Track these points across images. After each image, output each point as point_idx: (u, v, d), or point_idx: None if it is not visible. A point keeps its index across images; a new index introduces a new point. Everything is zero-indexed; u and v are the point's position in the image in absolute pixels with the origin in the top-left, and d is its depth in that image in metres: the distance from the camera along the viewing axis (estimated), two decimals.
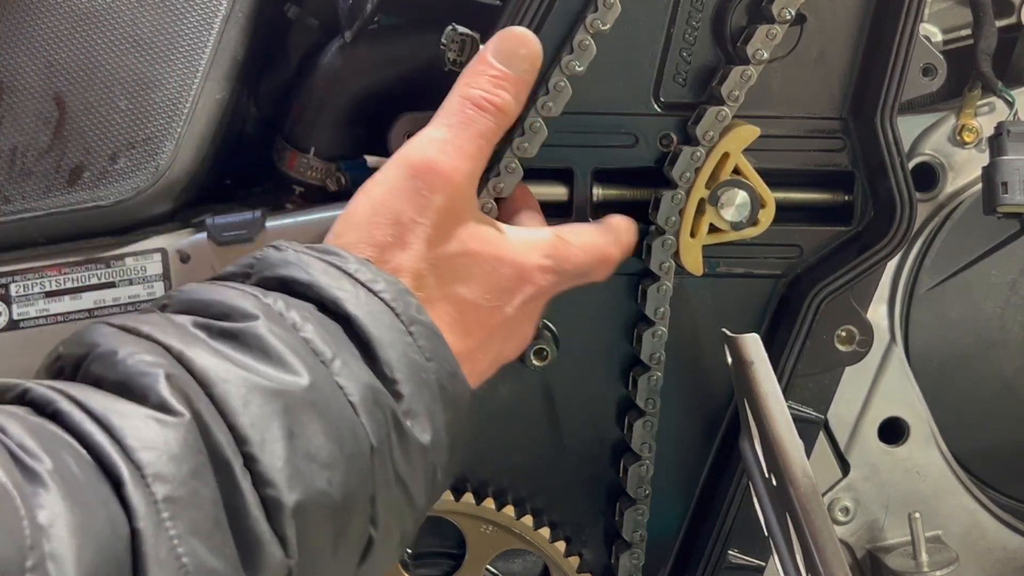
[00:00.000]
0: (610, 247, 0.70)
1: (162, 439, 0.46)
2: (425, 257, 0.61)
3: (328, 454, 0.50)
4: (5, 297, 0.75)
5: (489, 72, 0.66)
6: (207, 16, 0.74)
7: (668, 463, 0.79)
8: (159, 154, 0.74)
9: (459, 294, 0.62)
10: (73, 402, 0.47)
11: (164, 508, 0.44)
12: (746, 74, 0.72)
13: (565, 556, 0.81)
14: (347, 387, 0.52)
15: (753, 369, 0.71)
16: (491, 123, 0.65)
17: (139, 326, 0.51)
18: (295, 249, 0.57)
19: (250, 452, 0.48)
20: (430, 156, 0.62)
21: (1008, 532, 0.89)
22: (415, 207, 0.61)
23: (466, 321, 0.63)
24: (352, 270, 0.56)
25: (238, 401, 0.48)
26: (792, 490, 0.68)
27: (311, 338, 0.52)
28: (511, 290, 0.64)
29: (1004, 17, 0.83)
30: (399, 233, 0.61)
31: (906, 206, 0.74)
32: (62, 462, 0.44)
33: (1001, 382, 0.87)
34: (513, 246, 0.65)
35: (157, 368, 0.48)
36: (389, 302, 0.56)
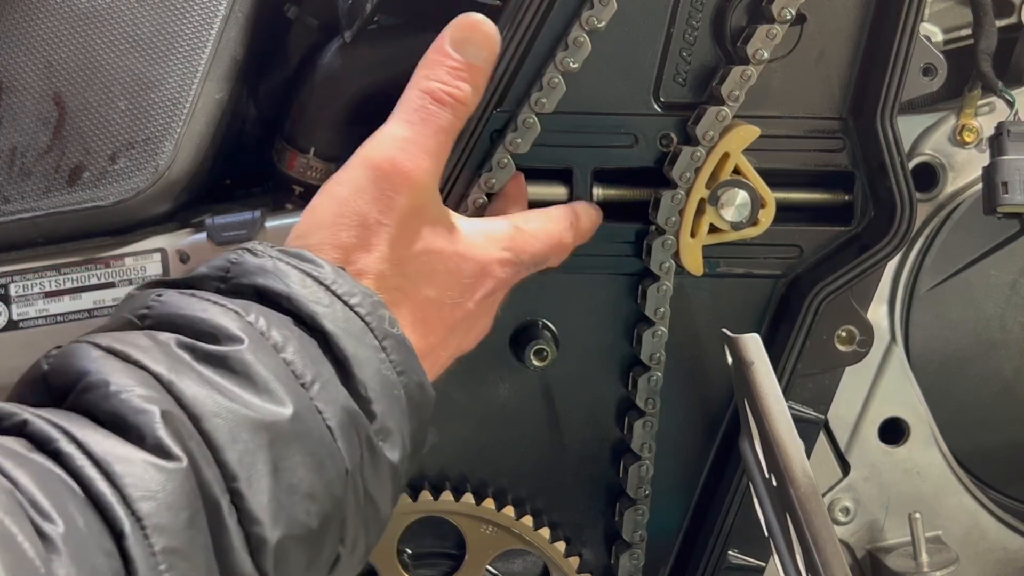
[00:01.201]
0: (564, 233, 0.70)
1: (160, 487, 0.46)
2: (389, 258, 0.61)
3: (309, 485, 0.51)
4: (5, 297, 0.75)
5: (447, 63, 0.65)
6: (207, 16, 0.74)
7: (668, 463, 0.79)
8: (159, 154, 0.74)
9: (423, 294, 0.62)
10: (73, 442, 0.47)
11: (162, 560, 0.45)
12: (746, 74, 0.72)
13: (565, 556, 0.81)
14: (325, 411, 0.53)
15: (753, 369, 0.71)
16: (451, 117, 0.64)
17: (127, 350, 0.50)
18: (271, 256, 0.57)
19: (237, 488, 0.48)
20: (392, 155, 0.62)
21: (1008, 532, 0.89)
22: (379, 208, 0.61)
23: (428, 320, 0.63)
24: (328, 281, 0.56)
25: (226, 436, 0.49)
26: (792, 490, 0.68)
27: (292, 360, 0.53)
28: (472, 286, 0.64)
29: (1004, 17, 0.83)
30: (364, 235, 0.61)
31: (906, 206, 0.74)
32: (69, 518, 0.44)
33: (1001, 382, 0.87)
34: (474, 242, 0.65)
35: (152, 404, 0.48)
36: (364, 316, 0.56)
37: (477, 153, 0.73)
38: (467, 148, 0.73)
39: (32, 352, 0.75)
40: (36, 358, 0.76)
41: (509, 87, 0.73)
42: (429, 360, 0.62)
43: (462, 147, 0.73)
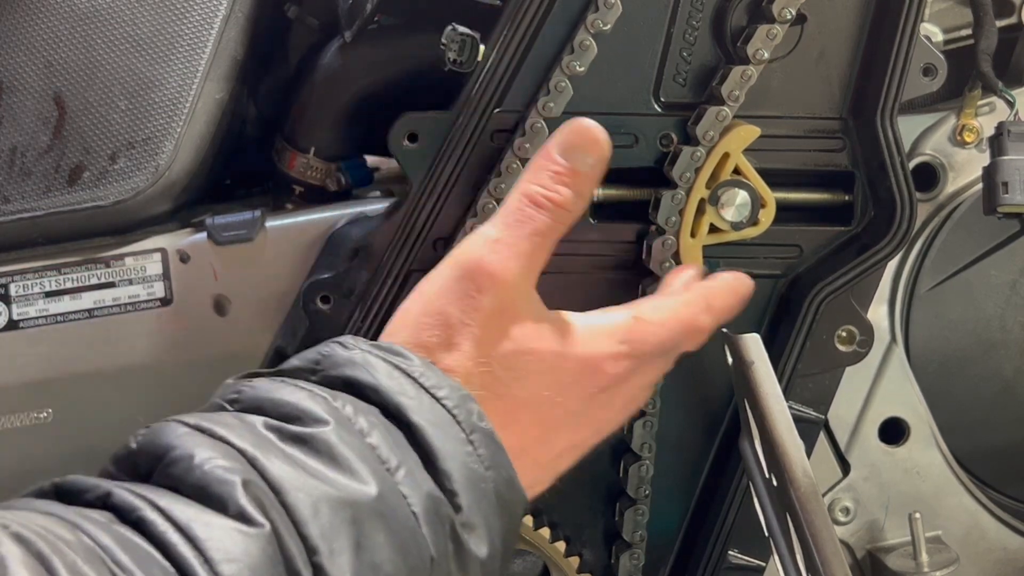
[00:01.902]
0: (699, 316, 0.67)
1: (244, 551, 0.46)
2: (474, 358, 0.60)
3: (392, 566, 0.50)
4: (5, 297, 0.75)
5: (551, 168, 0.64)
6: (207, 16, 0.74)
7: (668, 463, 0.79)
8: (159, 154, 0.74)
9: (512, 394, 0.61)
10: (157, 510, 0.47)
11: None
12: (746, 74, 0.72)
13: (565, 556, 0.81)
14: (410, 497, 0.52)
15: (753, 369, 0.71)
16: (548, 220, 0.63)
17: (213, 427, 0.51)
18: (361, 348, 0.57)
19: (319, 563, 0.48)
20: (480, 256, 0.62)
21: (1008, 532, 0.89)
22: (462, 308, 0.61)
23: (519, 420, 0.62)
24: (416, 374, 0.56)
25: (308, 510, 0.49)
26: (792, 490, 0.68)
27: (377, 445, 0.53)
28: (575, 384, 0.63)
29: (1004, 17, 0.83)
30: (447, 335, 0.60)
31: (906, 206, 0.74)
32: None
33: (1001, 382, 0.87)
34: (578, 339, 0.63)
35: (234, 475, 0.48)
36: (451, 409, 0.56)
37: (478, 153, 0.73)
38: (467, 148, 0.73)
39: (33, 352, 0.75)
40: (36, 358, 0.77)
41: (509, 87, 0.73)
42: (528, 457, 0.62)
43: (462, 147, 0.73)
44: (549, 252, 0.64)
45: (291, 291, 0.77)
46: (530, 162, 0.66)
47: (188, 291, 0.77)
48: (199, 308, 0.77)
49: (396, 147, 0.74)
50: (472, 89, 0.73)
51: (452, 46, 0.71)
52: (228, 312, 0.77)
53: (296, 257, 0.77)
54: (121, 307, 0.76)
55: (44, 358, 0.76)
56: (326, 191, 0.83)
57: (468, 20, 0.72)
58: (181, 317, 0.77)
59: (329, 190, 0.83)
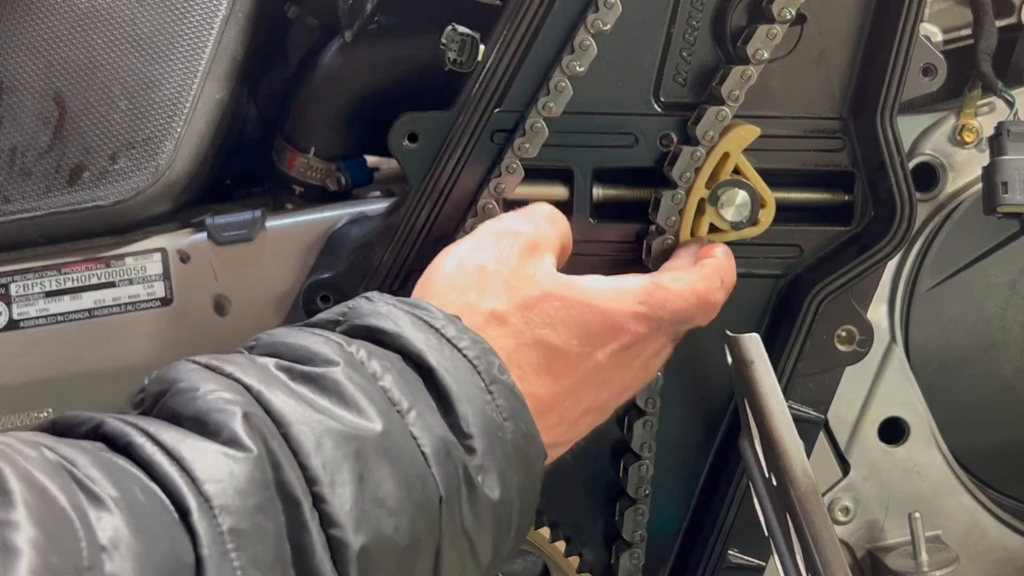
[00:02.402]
0: (714, 292, 0.69)
1: (229, 473, 0.46)
2: (509, 302, 0.62)
3: (396, 500, 0.51)
4: (5, 297, 0.75)
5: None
6: (207, 16, 0.74)
7: (668, 463, 0.79)
8: (159, 154, 0.74)
9: (546, 338, 0.63)
10: (145, 435, 0.48)
11: (229, 539, 0.45)
12: (746, 74, 0.72)
13: (565, 556, 0.81)
14: (420, 437, 0.53)
15: (753, 369, 0.71)
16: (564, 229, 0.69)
17: (222, 365, 0.52)
18: (386, 301, 0.59)
19: (320, 492, 0.49)
20: (514, 224, 0.67)
21: (1008, 532, 0.89)
22: (496, 258, 0.64)
23: (554, 367, 0.63)
24: (439, 325, 0.58)
25: (311, 442, 0.49)
26: (792, 490, 0.68)
27: (389, 388, 0.53)
28: (601, 336, 0.64)
29: (1004, 17, 0.83)
30: (482, 280, 0.63)
31: (906, 206, 0.74)
32: (128, 490, 0.45)
33: (1001, 382, 0.87)
34: (600, 294, 0.65)
35: (234, 406, 0.49)
36: (472, 359, 0.57)
37: (478, 153, 0.73)
38: (467, 148, 0.73)
39: (33, 352, 0.75)
40: (37, 357, 0.77)
41: (508, 87, 0.73)
42: (556, 412, 0.63)
43: (462, 147, 0.73)
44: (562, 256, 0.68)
45: (291, 291, 0.77)
46: None
47: (188, 291, 0.77)
48: (199, 308, 0.77)
49: (396, 147, 0.74)
50: (472, 89, 0.73)
51: (452, 46, 0.71)
52: (228, 312, 0.77)
53: (296, 257, 0.77)
54: (121, 307, 0.76)
55: (44, 358, 0.76)
56: (326, 191, 0.83)
57: (468, 20, 0.72)
58: (181, 317, 0.77)
59: (329, 190, 0.83)
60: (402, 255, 0.75)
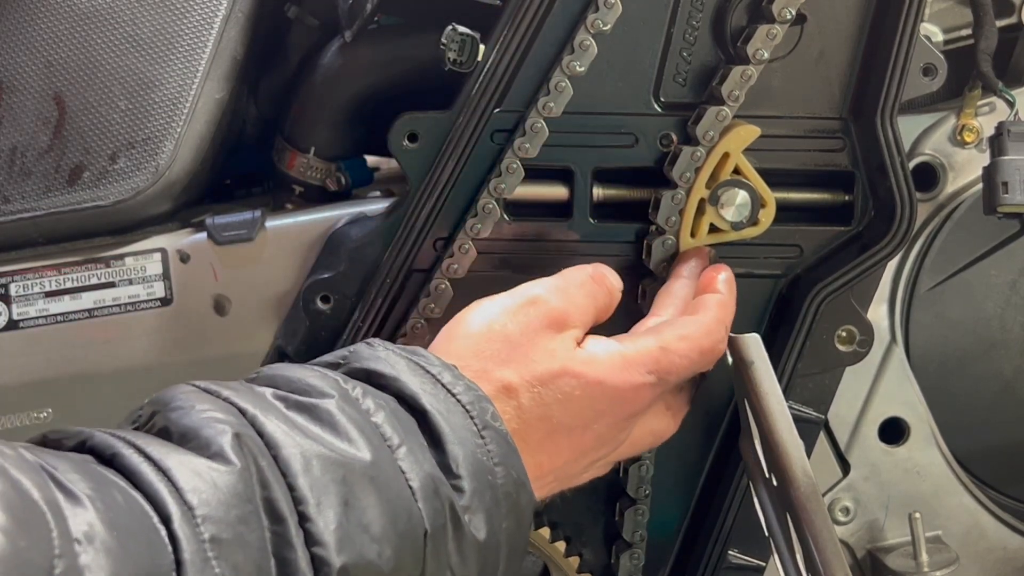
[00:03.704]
0: (718, 343, 0.69)
1: (212, 484, 0.47)
2: (526, 376, 0.63)
3: (381, 528, 0.51)
4: (5, 297, 0.75)
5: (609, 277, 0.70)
6: (207, 16, 0.74)
7: (668, 463, 0.79)
8: (159, 154, 0.74)
9: (553, 415, 0.63)
10: (132, 447, 0.48)
11: (210, 547, 0.46)
12: (746, 74, 0.72)
13: (565, 556, 0.81)
14: (408, 472, 0.54)
15: (753, 369, 0.71)
16: (604, 297, 0.69)
17: (219, 389, 0.53)
18: (385, 347, 0.60)
19: (305, 512, 0.49)
20: (543, 293, 0.66)
21: (1008, 532, 0.89)
22: (521, 328, 0.64)
23: (556, 442, 0.64)
24: (435, 371, 0.59)
25: (300, 464, 0.50)
26: (792, 490, 0.67)
27: (381, 424, 0.54)
28: (608, 412, 0.65)
29: (1004, 17, 0.83)
30: (506, 350, 0.63)
31: (906, 206, 0.74)
32: (107, 492, 0.45)
33: (1001, 382, 0.87)
34: (612, 368, 0.65)
35: (226, 425, 0.50)
36: (465, 404, 0.58)
37: (478, 153, 0.73)
38: (467, 148, 0.73)
39: (33, 352, 0.75)
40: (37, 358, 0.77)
41: (508, 87, 0.73)
42: (552, 475, 0.64)
43: (462, 147, 0.73)
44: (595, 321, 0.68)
45: (291, 291, 0.77)
46: None
47: (188, 291, 0.77)
48: (199, 308, 0.77)
49: (396, 147, 0.74)
50: (472, 89, 0.73)
51: (452, 46, 0.71)
52: (228, 312, 0.77)
53: (296, 257, 0.77)
54: (121, 307, 0.76)
55: (44, 358, 0.76)
56: (326, 191, 0.83)
57: (468, 20, 0.72)
58: (181, 317, 0.77)
59: (329, 190, 0.83)
60: (402, 255, 0.75)
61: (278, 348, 0.78)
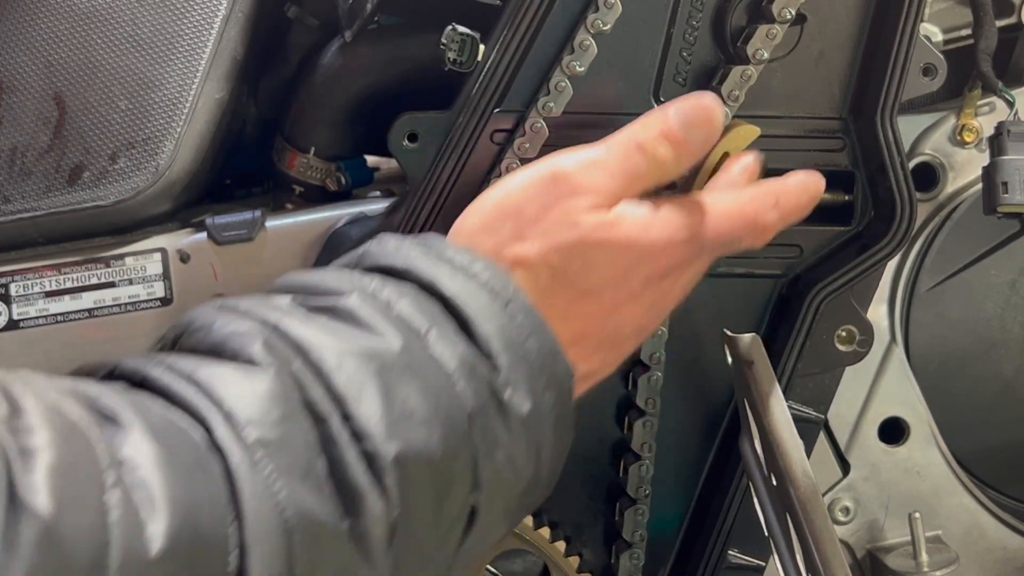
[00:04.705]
0: (764, 213, 0.65)
1: (250, 389, 0.46)
2: (542, 249, 0.61)
3: (425, 412, 0.50)
4: (5, 297, 0.75)
5: (663, 125, 0.64)
6: (207, 16, 0.74)
7: (668, 463, 0.79)
8: (159, 154, 0.74)
9: (576, 284, 0.61)
10: (161, 366, 0.48)
11: (257, 449, 0.45)
12: (746, 74, 0.72)
13: (565, 556, 0.81)
14: (441, 356, 0.53)
15: (753, 369, 0.71)
16: (644, 167, 0.63)
17: (237, 303, 0.53)
18: (395, 240, 0.59)
19: (346, 408, 0.48)
20: (572, 169, 0.62)
21: (1008, 532, 0.89)
22: (539, 206, 0.62)
23: (584, 309, 0.62)
24: (449, 255, 0.57)
25: (332, 362, 0.49)
26: (792, 490, 0.68)
27: (405, 313, 0.53)
28: (637, 270, 0.63)
29: (1004, 17, 0.83)
30: (519, 227, 0.61)
31: (906, 206, 0.74)
32: (145, 411, 0.45)
33: (1001, 382, 0.87)
34: (638, 226, 0.62)
35: (252, 333, 0.49)
36: (485, 283, 0.56)
37: (478, 153, 0.73)
38: (467, 148, 0.73)
39: (33, 352, 0.75)
40: (37, 358, 0.76)
41: (508, 87, 0.73)
42: (588, 343, 0.62)
43: (462, 147, 0.73)
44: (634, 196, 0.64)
45: None
46: (649, 112, 0.66)
47: (188, 291, 0.77)
48: None
49: (396, 147, 0.74)
50: (472, 89, 0.73)
51: (452, 46, 0.71)
52: None
53: (296, 257, 0.77)
54: (121, 307, 0.76)
55: (44, 358, 0.76)
56: (326, 191, 0.83)
57: (468, 20, 0.72)
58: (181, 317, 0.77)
59: (329, 190, 0.83)
60: None
61: None
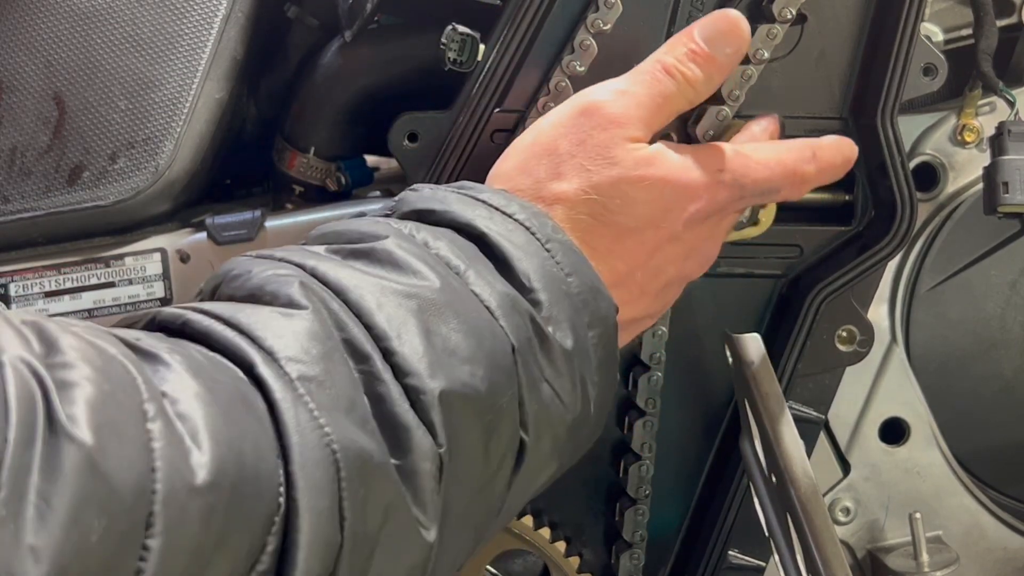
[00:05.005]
0: (802, 164, 0.66)
1: (290, 329, 0.46)
2: (579, 186, 0.61)
3: (468, 349, 0.50)
4: (5, 297, 0.75)
5: (689, 45, 0.65)
6: (207, 16, 0.74)
7: (668, 463, 0.79)
8: (158, 154, 0.74)
9: (617, 221, 0.61)
10: (199, 312, 0.47)
11: (300, 384, 0.45)
12: (747, 74, 0.72)
13: (565, 556, 0.81)
14: (482, 293, 0.52)
15: (753, 369, 0.71)
16: (674, 88, 0.65)
17: (273, 252, 0.53)
18: (431, 187, 0.59)
19: (388, 346, 0.48)
20: (601, 99, 0.63)
21: (1008, 532, 0.89)
22: (572, 141, 0.62)
23: (626, 247, 0.62)
24: (484, 197, 0.57)
25: (372, 302, 0.49)
26: (792, 490, 0.68)
27: (443, 253, 0.53)
28: (677, 209, 0.63)
29: (1005, 17, 0.83)
30: (554, 164, 0.62)
31: (907, 206, 0.74)
32: (184, 350, 0.44)
33: (1001, 382, 0.87)
34: (678, 165, 0.63)
35: (289, 278, 0.49)
36: (523, 222, 0.56)
37: (478, 153, 0.73)
38: (467, 148, 0.73)
39: None
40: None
41: (508, 87, 0.73)
42: (633, 285, 0.62)
43: (462, 147, 0.73)
44: (668, 119, 0.65)
45: None
46: (672, 38, 0.67)
47: (188, 291, 0.77)
48: None
49: (396, 147, 0.74)
50: (472, 89, 0.73)
51: (452, 46, 0.71)
52: None
53: None
54: (121, 307, 0.76)
55: None
56: (326, 191, 0.83)
57: (468, 20, 0.72)
58: None
59: (329, 190, 0.83)
60: None
61: None
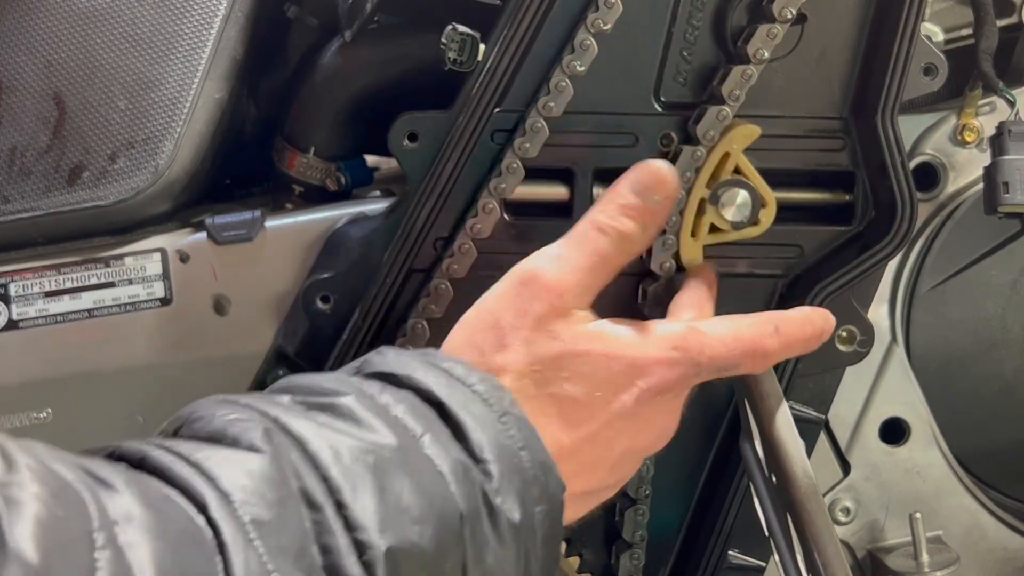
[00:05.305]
0: (763, 339, 0.66)
1: (247, 472, 0.47)
2: (524, 358, 0.62)
3: (418, 509, 0.51)
4: (5, 297, 0.75)
5: (618, 200, 0.66)
6: (206, 16, 0.74)
7: (668, 463, 0.79)
8: (158, 154, 0.74)
9: (562, 391, 0.62)
10: (160, 448, 0.48)
11: (252, 528, 0.45)
12: (747, 73, 0.72)
13: (565, 556, 0.81)
14: (435, 458, 0.53)
15: None
16: (609, 245, 0.65)
17: (238, 398, 0.54)
18: (395, 351, 0.60)
19: (341, 499, 0.49)
20: (537, 267, 0.64)
21: (1008, 532, 0.89)
22: (514, 313, 0.63)
23: (572, 416, 0.62)
24: (446, 366, 0.58)
25: (329, 455, 0.50)
26: (793, 490, 0.68)
27: (402, 416, 0.54)
28: (625, 384, 0.63)
29: (1005, 16, 0.83)
30: (499, 337, 0.63)
31: (907, 206, 0.74)
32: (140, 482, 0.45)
33: (1002, 382, 0.87)
34: (627, 342, 0.63)
35: (252, 423, 0.50)
36: (481, 393, 0.57)
37: (478, 153, 0.73)
38: (467, 148, 0.73)
39: (32, 352, 0.75)
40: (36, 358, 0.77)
41: (509, 87, 0.73)
42: (575, 458, 0.62)
43: (462, 147, 0.73)
44: (608, 277, 0.66)
45: (291, 291, 0.77)
46: (601, 195, 0.68)
47: (188, 291, 0.77)
48: (199, 308, 0.77)
49: (396, 147, 0.74)
50: (472, 89, 0.73)
51: (452, 46, 0.71)
52: (228, 312, 0.77)
53: (296, 257, 0.77)
54: (121, 307, 0.76)
55: (44, 358, 0.76)
56: (326, 191, 0.83)
57: (468, 20, 0.72)
58: (181, 317, 0.77)
59: (329, 190, 0.83)
60: (402, 255, 0.75)
61: (278, 348, 0.78)
